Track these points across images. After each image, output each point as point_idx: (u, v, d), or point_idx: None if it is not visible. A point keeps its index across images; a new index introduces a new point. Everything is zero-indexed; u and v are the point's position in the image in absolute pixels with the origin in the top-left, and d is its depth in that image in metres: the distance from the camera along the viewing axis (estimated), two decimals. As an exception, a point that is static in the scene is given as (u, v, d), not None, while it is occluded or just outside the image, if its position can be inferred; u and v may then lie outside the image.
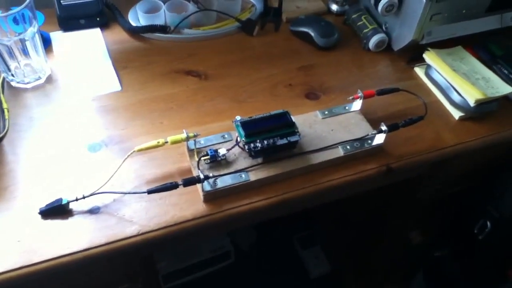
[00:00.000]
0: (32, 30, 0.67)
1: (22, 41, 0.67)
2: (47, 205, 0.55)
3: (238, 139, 0.60)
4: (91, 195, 0.55)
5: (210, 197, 0.57)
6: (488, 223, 0.83)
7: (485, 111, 0.71)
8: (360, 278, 1.20)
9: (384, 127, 0.62)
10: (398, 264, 1.08)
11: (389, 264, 1.07)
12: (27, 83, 0.71)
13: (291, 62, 0.80)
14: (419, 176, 0.76)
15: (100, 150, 0.63)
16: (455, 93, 0.72)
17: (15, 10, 0.64)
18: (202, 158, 0.59)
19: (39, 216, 0.55)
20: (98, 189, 0.56)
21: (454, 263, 1.00)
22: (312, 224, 1.41)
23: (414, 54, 0.80)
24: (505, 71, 0.77)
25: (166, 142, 0.59)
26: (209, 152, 0.59)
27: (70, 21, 0.81)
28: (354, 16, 0.86)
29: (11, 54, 0.68)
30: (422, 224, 0.97)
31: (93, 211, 0.56)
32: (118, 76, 0.75)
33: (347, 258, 1.24)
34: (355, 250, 1.18)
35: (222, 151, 0.60)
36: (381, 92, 0.68)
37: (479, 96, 0.69)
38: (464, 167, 0.81)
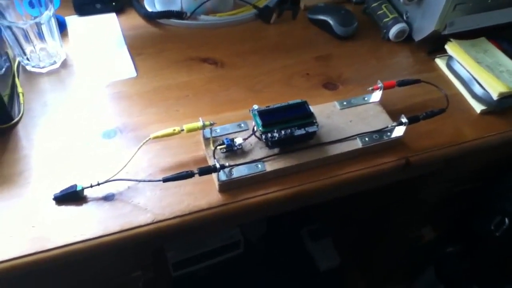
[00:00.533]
0: (48, 13, 0.66)
1: (38, 25, 0.66)
2: (61, 191, 0.55)
3: (255, 128, 0.59)
4: (106, 182, 0.55)
5: (226, 187, 0.57)
6: (507, 220, 0.82)
7: (508, 105, 0.69)
8: (369, 273, 1.19)
9: (404, 119, 0.60)
10: (407, 260, 1.07)
11: (397, 260, 1.05)
12: (42, 67, 0.71)
13: (309, 52, 0.79)
14: (432, 172, 0.74)
15: (115, 137, 0.63)
16: (477, 85, 0.70)
17: (32, -7, 0.63)
18: (218, 147, 0.58)
19: (54, 202, 0.55)
20: (113, 176, 0.55)
21: (466, 259, 0.99)
22: (322, 217, 1.40)
23: (435, 45, 0.78)
24: (530, 64, 0.75)
25: (182, 130, 0.58)
26: (225, 141, 0.58)
27: (86, 5, 0.81)
28: (374, 4, 0.83)
29: (27, 37, 0.67)
30: (434, 220, 0.95)
31: (108, 198, 0.55)
32: (133, 62, 0.74)
33: (356, 252, 1.24)
34: (362, 245, 1.17)
35: (238, 140, 0.59)
36: (401, 83, 0.66)
37: (502, 89, 0.67)
38: (478, 163, 0.80)
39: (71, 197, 0.55)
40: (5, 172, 0.57)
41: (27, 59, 0.70)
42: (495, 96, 0.67)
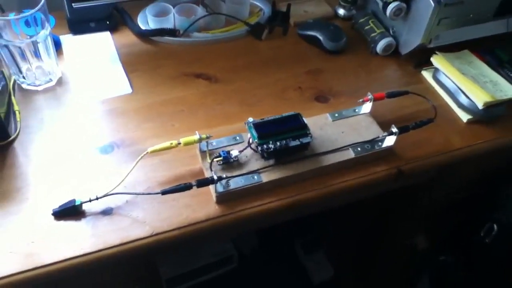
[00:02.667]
0: (44, 32, 0.67)
1: (35, 44, 0.67)
2: (60, 206, 0.55)
3: (251, 140, 0.60)
4: (104, 196, 0.55)
5: (223, 198, 0.58)
6: (495, 226, 0.84)
7: (493, 114, 0.72)
8: (362, 284, 1.20)
9: (394, 129, 0.62)
10: (402, 269, 1.08)
11: (392, 269, 1.06)
12: (38, 85, 0.72)
13: (300, 66, 0.81)
14: (424, 181, 0.76)
15: (112, 152, 0.63)
16: (463, 96, 0.72)
17: (29, 12, 0.64)
18: (215, 160, 0.59)
19: (52, 217, 0.55)
20: (111, 190, 0.56)
21: (460, 267, 1.00)
22: (315, 229, 1.41)
23: (421, 58, 0.81)
24: (512, 75, 0.78)
25: (179, 143, 0.59)
26: (221, 153, 0.59)
27: (80, 24, 0.82)
28: (361, 20, 0.86)
29: (23, 56, 0.68)
30: (427, 229, 0.97)
31: (106, 212, 0.56)
32: (128, 78, 0.75)
33: (350, 263, 1.24)
34: (358, 255, 1.18)
35: (234, 152, 0.60)
36: (390, 95, 0.68)
37: (487, 99, 0.69)
38: (470, 174, 0.82)
39: (70, 212, 0.55)
40: (3, 189, 0.58)
41: (23, 77, 0.71)
42: (480, 106, 0.70)
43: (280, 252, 1.39)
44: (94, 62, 0.78)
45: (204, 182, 0.55)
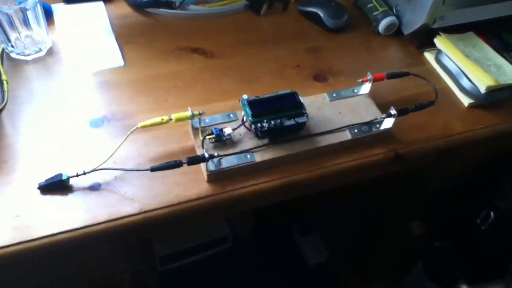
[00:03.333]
0: (33, -1, 0.65)
1: (23, 11, 0.65)
2: (46, 180, 0.54)
3: (245, 118, 0.58)
4: (92, 171, 0.54)
5: (214, 177, 0.56)
6: (492, 214, 0.83)
7: (495, 99, 0.70)
8: (357, 268, 1.20)
9: (393, 111, 0.61)
10: (397, 254, 1.08)
11: (387, 254, 1.06)
12: (28, 55, 0.69)
13: (299, 44, 0.78)
14: (422, 166, 0.75)
15: (102, 126, 0.62)
16: (465, 79, 0.70)
17: (17, -22, 0.62)
18: (207, 137, 0.57)
19: (38, 191, 0.54)
20: (100, 165, 0.54)
21: (454, 253, 1.00)
22: (311, 211, 1.40)
23: (424, 39, 0.79)
24: (518, 60, 0.75)
25: (171, 119, 0.57)
26: (214, 131, 0.58)
27: (73, -7, 0.79)
28: (364, -3, 0.83)
29: (12, 24, 0.66)
30: (423, 214, 0.96)
31: (94, 187, 0.55)
32: (121, 51, 0.73)
33: (345, 247, 1.24)
34: (354, 238, 1.18)
35: (227, 130, 0.58)
36: (391, 76, 0.66)
37: (490, 82, 0.67)
38: (469, 159, 0.80)
39: (56, 186, 0.54)
40: (-12, 160, 0.56)
41: (12, 46, 0.68)
42: (482, 90, 0.68)
43: (276, 233, 1.39)
44: (86, 32, 0.75)
45: (195, 160, 0.54)
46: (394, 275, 1.16)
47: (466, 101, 0.71)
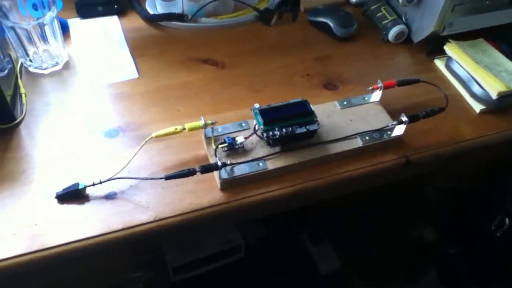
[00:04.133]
0: (51, 14, 0.67)
1: (41, 26, 0.67)
2: (64, 190, 0.55)
3: (256, 127, 0.59)
4: (108, 180, 0.55)
5: (227, 185, 0.57)
6: (507, 220, 0.82)
7: (507, 104, 0.70)
8: (370, 276, 1.19)
9: (404, 118, 0.61)
10: (410, 261, 1.07)
11: (399, 261, 1.05)
12: (45, 68, 0.71)
13: (309, 53, 0.79)
14: (433, 172, 0.74)
15: (117, 136, 0.63)
16: (476, 85, 0.70)
17: (35, -6, 0.64)
18: (220, 146, 0.58)
19: (56, 200, 0.55)
20: (115, 175, 0.55)
21: (468, 260, 0.98)
22: (322, 220, 1.40)
23: (434, 46, 0.79)
24: (528, 65, 0.75)
25: (184, 129, 0.58)
26: (226, 139, 0.58)
27: (88, 8, 0.82)
28: (373, 7, 0.84)
29: (30, 39, 0.68)
30: (435, 221, 0.95)
31: (110, 196, 0.56)
32: (135, 63, 0.74)
33: (355, 256, 1.23)
34: (363, 247, 1.17)
35: (239, 139, 0.59)
36: (401, 83, 0.67)
37: (502, 88, 0.67)
38: (480, 163, 0.80)
39: (73, 195, 0.55)
40: (8, 171, 0.58)
41: (30, 60, 0.71)
42: (494, 96, 0.68)
43: (287, 242, 1.38)
44: (101, 46, 0.77)
45: (208, 168, 0.55)
46: (407, 282, 1.15)
47: (477, 107, 0.71)
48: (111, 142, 0.62)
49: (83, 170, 0.58)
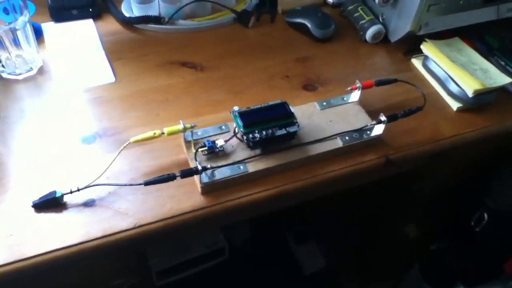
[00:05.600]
0: (23, 19, 0.65)
1: (13, 31, 0.65)
2: (40, 198, 0.54)
3: (236, 130, 0.59)
4: (86, 187, 0.54)
5: (208, 189, 0.56)
6: (485, 215, 0.83)
7: (483, 102, 0.71)
8: (354, 274, 1.20)
9: (383, 118, 0.61)
10: (394, 259, 1.08)
11: (384, 258, 1.06)
12: (18, 74, 0.70)
13: (288, 54, 0.79)
14: (415, 170, 0.75)
15: (94, 142, 0.62)
16: (453, 84, 0.71)
17: (6, -2, 0.62)
18: (200, 150, 0.58)
19: (33, 209, 0.53)
20: (93, 182, 0.54)
21: (450, 256, 1.00)
22: (306, 219, 1.40)
23: (411, 45, 0.80)
24: (502, 63, 0.77)
25: (163, 133, 0.57)
26: (206, 143, 0.58)
27: (62, 11, 0.80)
28: (350, 7, 0.85)
29: (2, 44, 0.66)
30: (418, 217, 0.96)
31: (88, 204, 0.55)
32: (111, 67, 0.73)
33: (342, 254, 1.24)
34: (350, 245, 1.18)
35: (219, 142, 0.58)
36: (379, 83, 0.67)
37: (477, 86, 0.68)
38: (461, 161, 0.81)
39: (51, 203, 0.54)
40: (-19, 180, 0.56)
41: (2, 66, 0.69)
42: (470, 94, 0.69)
43: (271, 243, 1.38)
44: (76, 50, 0.76)
45: (188, 173, 0.54)
46: (391, 279, 1.16)
47: (454, 105, 0.72)
48: (88, 148, 0.61)
49: (60, 178, 0.57)
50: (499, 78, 0.71)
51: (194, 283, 1.25)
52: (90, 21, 0.81)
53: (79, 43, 0.77)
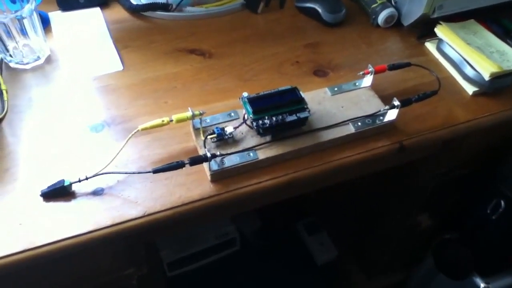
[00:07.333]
0: (29, 7, 0.65)
1: (20, 20, 0.65)
2: (49, 187, 0.53)
3: (246, 116, 0.58)
4: (94, 176, 0.53)
5: (218, 177, 0.55)
6: (502, 203, 0.81)
7: (499, 86, 0.69)
8: (365, 264, 1.18)
9: (396, 102, 0.60)
10: (407, 249, 1.06)
11: (396, 248, 1.05)
12: (26, 63, 0.69)
13: (297, 40, 0.78)
14: (428, 157, 0.74)
15: (103, 131, 0.61)
16: (468, 67, 0.69)
17: (11, -14, 0.62)
18: (209, 137, 0.57)
19: (41, 198, 0.53)
20: (102, 170, 0.54)
21: (464, 245, 0.98)
22: (317, 209, 1.39)
23: (424, 29, 0.78)
24: (520, 46, 0.74)
25: (171, 120, 0.56)
26: (215, 130, 0.57)
27: (69, 0, 0.79)
28: (361, -9, 0.83)
29: (9, 33, 0.65)
30: (431, 207, 0.95)
31: (97, 192, 0.54)
32: (119, 55, 0.72)
33: (351, 245, 1.23)
34: (359, 236, 1.16)
35: (229, 129, 0.57)
36: (392, 67, 0.65)
37: (494, 69, 0.66)
38: (475, 147, 0.79)
39: (59, 192, 0.53)
40: (-10, 169, 0.56)
41: (10, 55, 0.68)
42: (487, 77, 0.67)
43: (283, 234, 1.38)
44: (84, 39, 0.75)
45: (197, 160, 0.53)
46: (403, 270, 1.15)
47: (470, 89, 0.70)
48: (97, 137, 0.60)
49: (69, 167, 0.56)
50: (517, 61, 0.69)
51: (206, 274, 1.25)
52: (97, 10, 0.81)
53: (86, 31, 0.77)
